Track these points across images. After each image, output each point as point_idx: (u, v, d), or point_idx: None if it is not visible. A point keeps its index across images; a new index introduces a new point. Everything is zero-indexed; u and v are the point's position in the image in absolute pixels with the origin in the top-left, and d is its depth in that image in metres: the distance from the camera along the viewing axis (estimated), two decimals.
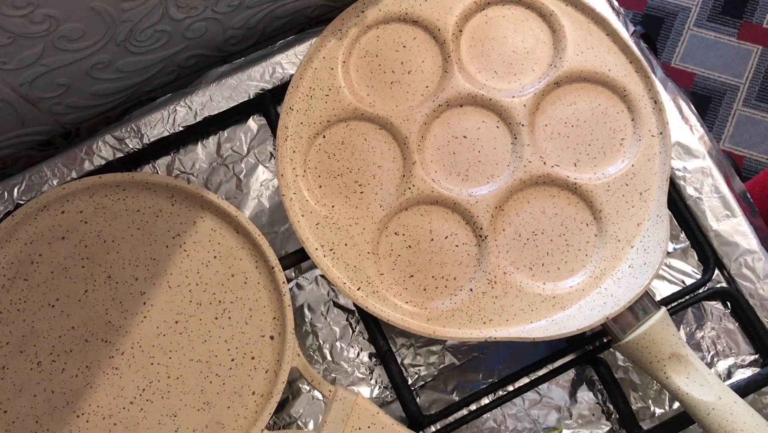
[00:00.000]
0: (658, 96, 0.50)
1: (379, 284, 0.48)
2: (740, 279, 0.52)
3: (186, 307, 0.48)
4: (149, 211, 0.50)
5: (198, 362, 0.47)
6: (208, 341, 0.48)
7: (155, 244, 0.49)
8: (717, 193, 0.54)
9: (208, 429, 0.46)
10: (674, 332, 0.45)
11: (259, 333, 0.48)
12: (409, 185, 0.49)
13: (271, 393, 0.46)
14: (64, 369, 0.47)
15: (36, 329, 0.47)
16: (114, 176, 0.50)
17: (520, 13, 0.53)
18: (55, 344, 0.47)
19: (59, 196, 0.49)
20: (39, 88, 0.52)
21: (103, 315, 0.48)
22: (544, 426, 0.50)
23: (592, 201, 0.49)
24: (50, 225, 0.49)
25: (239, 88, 0.57)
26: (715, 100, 1.24)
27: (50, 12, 0.45)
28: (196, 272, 0.49)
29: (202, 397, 0.47)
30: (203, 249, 0.49)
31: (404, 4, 0.52)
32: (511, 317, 0.47)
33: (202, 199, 0.49)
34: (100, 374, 0.47)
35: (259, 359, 0.47)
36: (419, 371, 0.52)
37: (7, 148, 0.57)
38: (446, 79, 0.51)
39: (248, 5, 0.55)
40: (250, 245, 0.49)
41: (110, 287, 0.49)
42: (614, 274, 0.47)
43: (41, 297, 0.48)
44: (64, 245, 0.49)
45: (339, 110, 0.51)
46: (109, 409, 0.47)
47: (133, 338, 0.48)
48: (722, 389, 0.44)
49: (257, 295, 0.49)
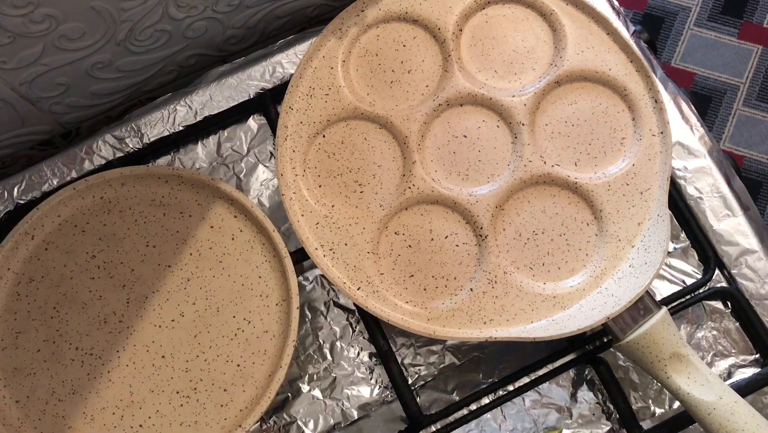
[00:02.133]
0: (659, 95, 0.50)
1: (379, 284, 0.48)
2: (740, 279, 0.52)
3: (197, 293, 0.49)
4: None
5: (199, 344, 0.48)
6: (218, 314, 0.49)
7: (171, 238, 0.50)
8: (717, 193, 0.54)
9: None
10: (675, 332, 0.45)
11: (264, 329, 0.48)
12: (409, 185, 0.49)
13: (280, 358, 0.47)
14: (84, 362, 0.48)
15: (61, 331, 0.48)
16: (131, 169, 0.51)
17: (520, 12, 0.53)
18: (77, 344, 0.48)
19: (78, 190, 0.50)
20: (39, 88, 0.52)
21: (120, 307, 0.49)
22: (544, 426, 0.50)
23: (592, 200, 0.49)
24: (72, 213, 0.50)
25: (239, 87, 0.57)
26: (716, 99, 1.24)
27: (50, 11, 0.45)
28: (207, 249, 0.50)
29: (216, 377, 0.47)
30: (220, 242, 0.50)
31: (404, 3, 0.52)
32: (511, 317, 0.47)
33: (221, 193, 0.49)
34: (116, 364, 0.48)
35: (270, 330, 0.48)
36: (419, 370, 0.52)
37: (7, 147, 0.57)
38: (446, 78, 0.51)
39: (248, 5, 0.55)
40: (264, 239, 0.50)
41: (124, 280, 0.49)
42: (615, 273, 0.47)
43: (55, 290, 0.49)
44: (81, 240, 0.50)
45: (339, 110, 0.51)
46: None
47: (144, 335, 0.48)
48: (723, 389, 0.44)
49: (265, 277, 0.49)
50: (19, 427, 0.46)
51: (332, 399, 0.52)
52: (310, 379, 0.52)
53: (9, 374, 0.47)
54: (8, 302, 0.48)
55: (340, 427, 0.51)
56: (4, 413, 0.46)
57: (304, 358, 0.52)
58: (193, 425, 0.47)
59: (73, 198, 0.50)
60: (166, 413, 0.47)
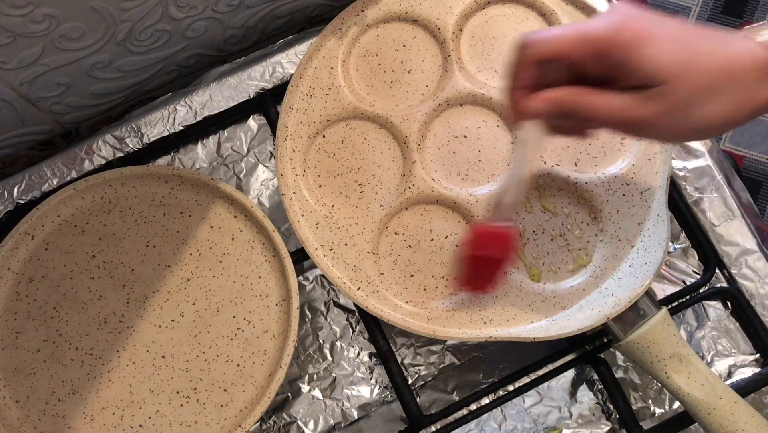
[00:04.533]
0: None
1: (379, 284, 0.48)
2: (740, 279, 0.52)
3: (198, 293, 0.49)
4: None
5: (200, 345, 0.48)
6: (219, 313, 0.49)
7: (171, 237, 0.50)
8: (717, 193, 0.54)
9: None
10: (675, 332, 0.45)
11: (264, 329, 0.48)
12: (409, 185, 0.49)
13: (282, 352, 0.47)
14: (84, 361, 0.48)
15: (61, 331, 0.48)
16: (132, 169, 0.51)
17: (520, 12, 0.53)
18: (77, 344, 0.48)
19: (79, 190, 0.50)
20: (39, 88, 0.52)
21: (120, 306, 0.49)
22: (544, 426, 0.50)
23: (592, 200, 0.49)
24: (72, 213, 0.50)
25: (239, 87, 0.57)
26: None
27: (50, 11, 0.45)
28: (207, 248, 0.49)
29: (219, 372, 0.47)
30: (220, 241, 0.50)
31: (404, 3, 0.52)
32: (511, 317, 0.47)
33: (222, 193, 0.49)
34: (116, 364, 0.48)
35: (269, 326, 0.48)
36: (419, 370, 0.52)
37: (7, 147, 0.57)
38: (446, 78, 0.51)
39: (248, 5, 0.55)
40: (264, 239, 0.50)
41: (124, 280, 0.49)
42: (615, 273, 0.47)
43: (56, 289, 0.49)
44: (81, 240, 0.50)
45: (339, 109, 0.51)
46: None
47: (144, 334, 0.48)
48: (723, 389, 0.44)
49: (265, 275, 0.49)
50: (19, 427, 0.46)
51: (332, 399, 0.52)
52: (310, 379, 0.52)
53: (9, 374, 0.47)
54: (8, 302, 0.48)
55: (340, 427, 0.51)
56: (4, 413, 0.46)
57: (304, 358, 0.52)
58: (193, 425, 0.47)
59: (73, 198, 0.50)
60: (166, 413, 0.47)
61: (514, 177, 0.42)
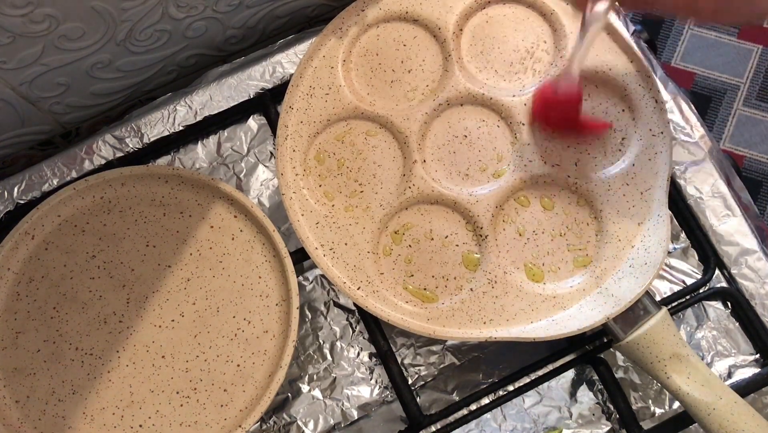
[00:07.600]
0: (659, 95, 0.50)
1: (379, 284, 0.48)
2: (740, 279, 0.52)
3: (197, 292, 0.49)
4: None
5: (199, 345, 0.48)
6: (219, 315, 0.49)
7: (170, 238, 0.50)
8: (717, 193, 0.54)
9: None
10: (675, 332, 0.45)
11: (264, 329, 0.48)
12: (410, 184, 0.49)
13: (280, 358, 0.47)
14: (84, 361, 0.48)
15: (61, 331, 0.48)
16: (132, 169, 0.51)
17: (520, 11, 0.53)
18: (77, 344, 0.48)
19: (78, 190, 0.50)
20: (39, 88, 0.52)
21: (120, 306, 0.49)
22: (544, 426, 0.50)
23: (592, 200, 0.49)
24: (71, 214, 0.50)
25: (239, 87, 0.57)
26: (716, 99, 1.24)
27: (50, 11, 0.45)
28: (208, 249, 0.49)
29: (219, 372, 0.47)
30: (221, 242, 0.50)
31: (405, 2, 0.52)
32: (511, 317, 0.47)
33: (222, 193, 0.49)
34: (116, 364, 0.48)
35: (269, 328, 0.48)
36: (419, 370, 0.52)
37: (7, 147, 0.57)
38: (447, 77, 0.51)
39: (248, 5, 0.55)
40: (264, 239, 0.50)
41: (124, 280, 0.49)
42: (615, 273, 0.47)
43: (56, 290, 0.49)
44: (81, 240, 0.50)
45: (339, 109, 0.51)
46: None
47: (143, 335, 0.48)
48: (723, 389, 0.44)
49: (265, 275, 0.49)
50: (19, 427, 0.46)
51: (332, 399, 0.52)
52: (310, 379, 0.52)
53: (9, 374, 0.47)
54: (8, 302, 0.48)
55: (340, 427, 0.51)
56: (4, 413, 0.46)
57: (304, 358, 0.52)
58: (193, 425, 0.47)
59: (73, 198, 0.50)
60: (166, 413, 0.47)
61: (581, 53, 0.46)
